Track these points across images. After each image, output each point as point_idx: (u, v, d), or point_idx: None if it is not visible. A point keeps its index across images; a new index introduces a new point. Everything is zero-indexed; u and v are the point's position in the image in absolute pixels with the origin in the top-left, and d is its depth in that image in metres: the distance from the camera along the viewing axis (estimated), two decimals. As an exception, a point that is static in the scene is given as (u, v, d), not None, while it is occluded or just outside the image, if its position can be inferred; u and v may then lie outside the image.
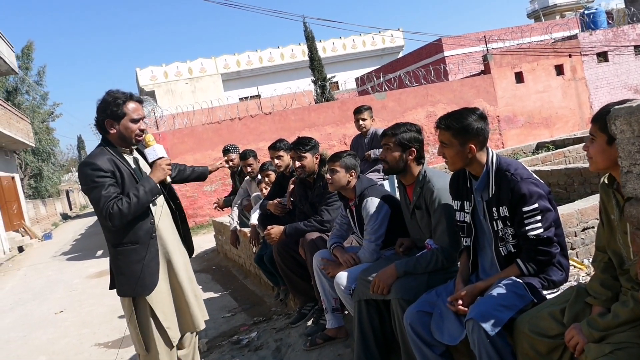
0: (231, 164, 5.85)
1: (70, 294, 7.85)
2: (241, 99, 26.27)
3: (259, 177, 5.10)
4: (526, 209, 2.04)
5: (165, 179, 2.57)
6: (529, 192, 2.04)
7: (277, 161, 4.21)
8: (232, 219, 5.54)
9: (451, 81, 15.83)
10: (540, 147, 11.18)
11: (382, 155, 2.72)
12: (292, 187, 4.00)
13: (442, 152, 2.25)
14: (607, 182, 1.73)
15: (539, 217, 2.04)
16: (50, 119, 32.30)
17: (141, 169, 2.62)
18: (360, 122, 5.31)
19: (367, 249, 2.93)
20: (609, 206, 1.72)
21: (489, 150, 2.22)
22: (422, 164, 2.69)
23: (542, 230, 2.04)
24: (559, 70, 15.64)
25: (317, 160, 3.61)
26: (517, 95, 15.23)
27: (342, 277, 2.88)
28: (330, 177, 3.06)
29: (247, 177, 5.44)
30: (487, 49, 16.84)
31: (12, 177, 20.26)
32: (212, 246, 9.06)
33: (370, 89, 16.76)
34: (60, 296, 7.82)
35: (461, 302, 2.10)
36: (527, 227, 2.05)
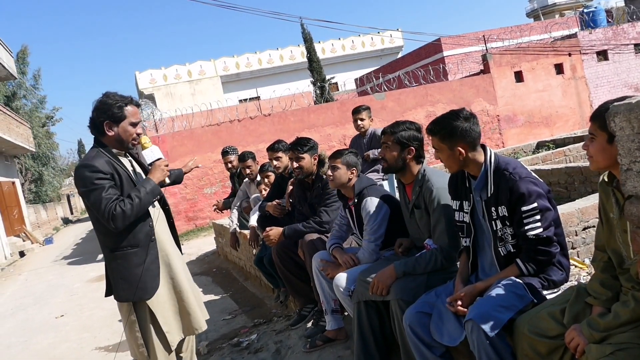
0: (230, 165, 5.84)
1: (71, 298, 7.83)
2: (240, 100, 26.28)
3: (259, 178, 5.08)
4: (525, 208, 2.03)
5: (164, 180, 2.56)
6: (528, 191, 2.03)
7: (275, 162, 4.20)
8: (232, 221, 5.53)
9: (451, 81, 15.81)
10: (540, 146, 11.16)
11: (382, 153, 2.71)
12: (290, 188, 3.99)
13: (438, 157, 2.27)
14: (606, 180, 1.71)
15: (538, 217, 2.02)
16: (50, 123, 32.33)
17: (137, 171, 2.61)
18: (358, 122, 5.30)
19: (367, 249, 2.91)
20: (608, 205, 1.70)
21: (487, 149, 2.21)
22: (421, 162, 2.68)
23: (541, 229, 2.02)
24: (559, 69, 15.62)
25: (316, 161, 3.60)
26: (516, 94, 15.20)
27: (341, 278, 2.86)
28: (331, 174, 3.05)
29: (246, 179, 5.42)
30: (486, 49, 16.82)
31: (13, 182, 20.27)
32: (212, 248, 9.05)
33: (369, 90, 16.75)
34: (61, 300, 7.80)
35: (460, 302, 2.09)
36: (526, 227, 2.03)
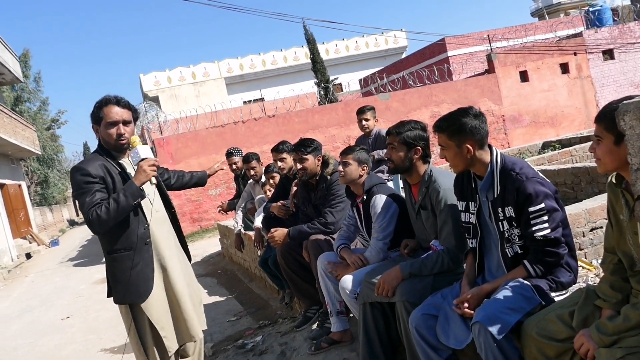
0: (234, 167, 5.84)
1: (76, 299, 7.85)
2: (245, 102, 26.30)
3: (263, 179, 5.08)
4: (532, 209, 2.01)
5: (150, 181, 2.43)
6: (535, 192, 2.01)
7: (280, 164, 4.19)
8: (237, 223, 5.52)
9: (455, 81, 15.76)
10: (546, 146, 11.09)
11: (387, 154, 2.69)
12: (294, 189, 3.97)
13: (443, 155, 2.24)
14: (614, 182, 1.69)
15: (545, 218, 2.00)
16: (55, 126, 32.51)
17: None
18: (363, 123, 5.28)
19: (375, 247, 2.89)
20: (618, 206, 1.68)
21: (493, 149, 2.19)
22: (428, 162, 2.66)
23: (549, 230, 2.00)
24: (564, 68, 15.53)
25: (319, 162, 3.58)
26: (522, 94, 15.13)
27: (347, 280, 2.84)
28: (342, 170, 3.03)
29: (251, 180, 5.42)
30: (491, 48, 16.77)
31: (19, 185, 20.37)
32: (217, 250, 9.05)
33: (374, 90, 16.74)
34: (67, 302, 7.82)
35: (467, 304, 2.07)
36: (533, 228, 2.01)
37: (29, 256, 16.49)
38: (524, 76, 15.22)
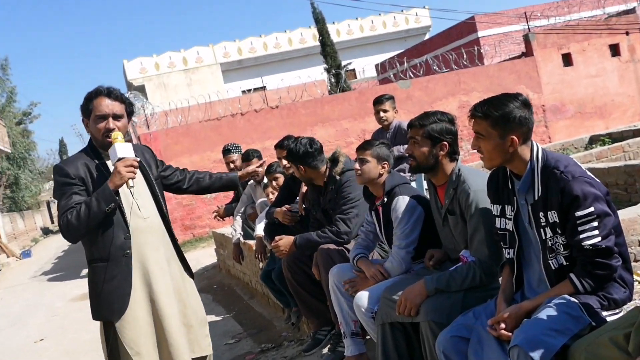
0: (232, 166, 5.86)
1: (51, 319, 7.93)
2: (244, 91, 26.41)
3: (265, 180, 5.09)
4: (580, 213, 1.99)
5: (126, 184, 2.42)
6: (583, 194, 1.99)
7: (285, 162, 4.20)
8: (235, 230, 5.54)
9: (487, 66, 15.73)
10: (594, 140, 11.09)
11: (409, 150, 2.68)
12: (305, 189, 3.98)
13: (477, 146, 2.21)
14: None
15: (595, 224, 1.99)
16: (27, 120, 32.81)
17: None
18: (381, 114, 5.29)
19: (396, 256, 2.88)
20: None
21: (534, 144, 2.18)
22: (455, 160, 2.65)
23: (599, 238, 1.98)
24: (615, 50, 15.47)
25: (326, 169, 3.60)
26: (565, 80, 15.07)
27: (363, 297, 2.84)
28: (359, 168, 3.03)
29: (251, 181, 5.43)
30: (528, 28, 16.71)
31: (-14, 187, 20.62)
32: (212, 262, 9.09)
33: (392, 77, 16.74)
34: (40, 322, 7.90)
35: (504, 325, 2.06)
36: (581, 236, 2.00)
37: (-3, 269, 16.67)
38: (567, 60, 15.16)
